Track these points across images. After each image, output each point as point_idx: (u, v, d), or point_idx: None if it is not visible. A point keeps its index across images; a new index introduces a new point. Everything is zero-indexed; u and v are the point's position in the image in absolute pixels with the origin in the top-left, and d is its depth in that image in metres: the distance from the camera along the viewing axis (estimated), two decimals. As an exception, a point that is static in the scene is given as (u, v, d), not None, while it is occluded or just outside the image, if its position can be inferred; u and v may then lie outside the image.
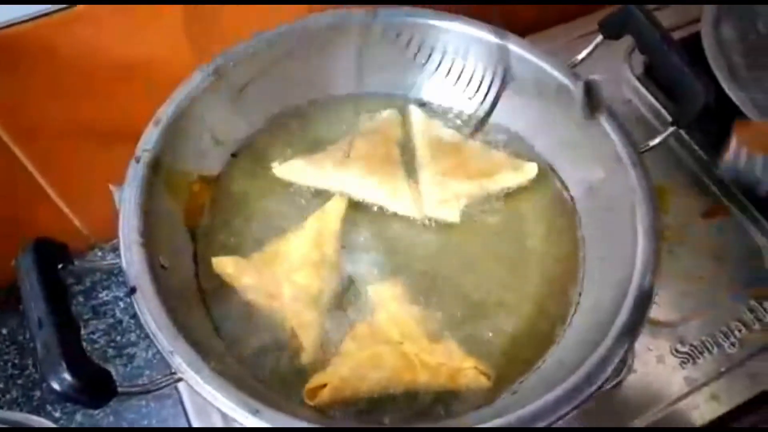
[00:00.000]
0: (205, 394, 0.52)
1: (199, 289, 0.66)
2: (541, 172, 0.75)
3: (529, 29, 0.97)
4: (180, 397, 0.70)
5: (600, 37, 0.73)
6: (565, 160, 0.75)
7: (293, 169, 0.74)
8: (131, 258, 0.58)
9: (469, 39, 0.75)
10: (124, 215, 0.61)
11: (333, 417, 0.59)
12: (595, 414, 0.67)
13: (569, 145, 0.74)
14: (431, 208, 0.72)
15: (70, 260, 0.57)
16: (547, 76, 0.73)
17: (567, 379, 0.54)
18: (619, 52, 0.95)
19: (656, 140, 0.69)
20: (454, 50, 0.76)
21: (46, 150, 0.80)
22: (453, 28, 0.75)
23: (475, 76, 0.76)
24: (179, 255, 0.66)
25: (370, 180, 0.72)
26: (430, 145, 0.76)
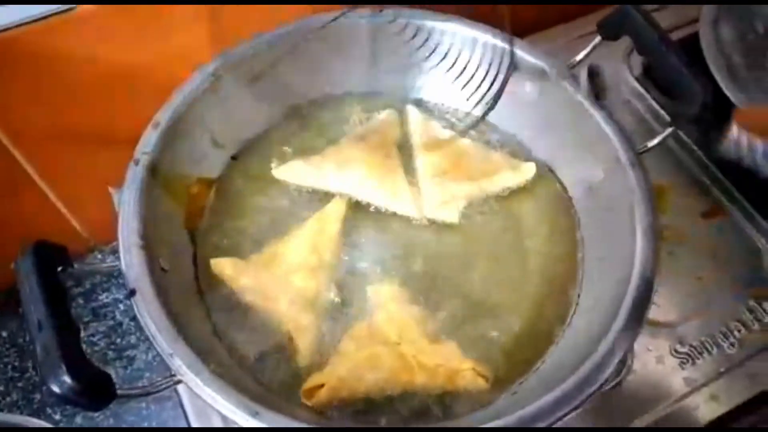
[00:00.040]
0: (204, 397, 0.52)
1: (199, 291, 0.66)
2: (540, 173, 0.75)
3: (529, 29, 0.97)
4: (180, 400, 0.70)
5: (598, 38, 0.73)
6: (563, 161, 0.75)
7: (292, 171, 0.74)
8: (131, 260, 0.58)
9: (469, 40, 0.75)
10: (123, 218, 0.61)
11: (331, 418, 0.59)
12: (595, 414, 0.67)
13: (568, 146, 0.74)
14: (431, 209, 0.72)
15: (69, 263, 0.57)
16: (546, 77, 0.73)
17: (567, 380, 0.54)
18: (618, 52, 0.95)
19: (655, 141, 0.69)
20: (453, 51, 0.76)
21: (46, 153, 0.80)
22: (453, 29, 0.75)
23: (475, 76, 0.75)
24: (179, 257, 0.66)
25: (369, 181, 0.72)
26: (428, 145, 0.76)
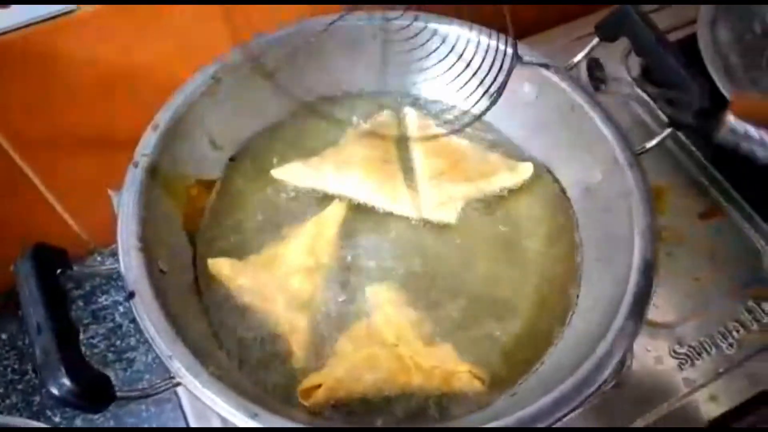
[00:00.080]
0: (203, 399, 0.52)
1: (198, 292, 0.66)
2: (538, 174, 0.75)
3: (528, 30, 0.97)
4: (179, 402, 0.70)
5: (596, 40, 0.74)
6: (561, 162, 0.75)
7: (291, 172, 0.74)
8: (130, 263, 0.58)
9: (469, 41, 0.75)
10: (122, 220, 0.61)
11: (328, 418, 0.59)
12: (594, 415, 0.67)
13: (566, 147, 0.74)
14: (429, 210, 0.72)
15: (68, 265, 0.57)
16: (544, 79, 0.73)
17: (566, 381, 0.54)
18: (616, 54, 0.95)
19: (653, 142, 0.69)
20: (454, 51, 0.76)
21: (45, 155, 0.80)
22: (453, 30, 0.75)
23: (475, 76, 0.75)
24: (178, 259, 0.66)
25: (368, 182, 0.72)
26: (426, 146, 0.76)
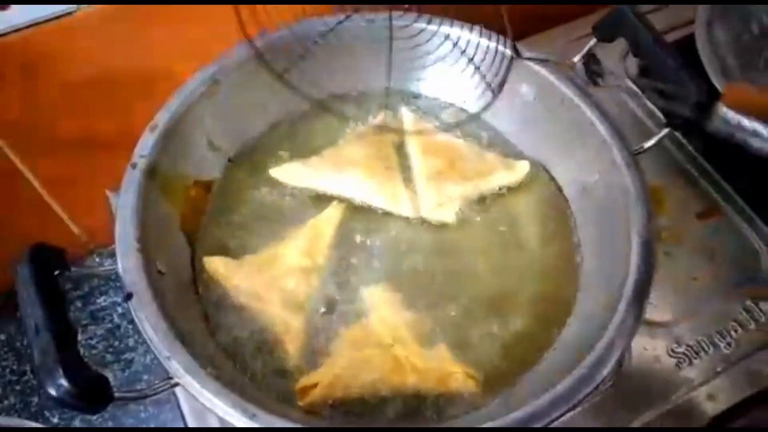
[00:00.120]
0: (201, 399, 0.52)
1: (196, 293, 0.66)
2: (536, 174, 0.75)
3: (527, 31, 0.97)
4: (178, 402, 0.70)
5: (594, 40, 0.74)
6: (559, 162, 0.75)
7: (290, 172, 0.74)
8: (128, 264, 0.58)
9: (468, 41, 0.75)
10: (120, 221, 0.61)
11: (325, 418, 0.59)
12: (592, 415, 0.67)
13: (563, 147, 0.74)
14: (428, 210, 0.72)
15: (67, 266, 0.57)
16: (542, 79, 0.73)
17: (563, 380, 0.54)
18: (614, 54, 0.95)
19: (651, 142, 0.70)
20: (453, 52, 0.76)
21: (44, 156, 0.80)
22: (453, 31, 0.75)
23: (474, 77, 0.76)
24: (176, 260, 0.66)
25: (367, 183, 0.72)
26: (423, 146, 0.76)
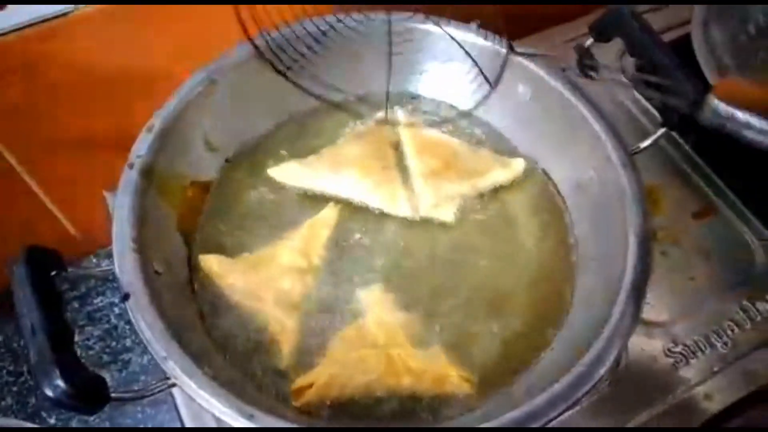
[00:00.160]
0: (198, 399, 0.52)
1: (193, 293, 0.66)
2: (532, 173, 0.75)
3: (526, 30, 0.97)
4: (175, 402, 0.70)
5: (590, 40, 0.74)
6: (555, 161, 0.76)
7: (288, 172, 0.74)
8: (125, 264, 0.58)
9: (464, 41, 0.75)
10: (117, 221, 0.61)
11: (321, 418, 0.59)
12: (590, 414, 0.68)
13: (560, 147, 0.74)
14: (426, 210, 0.72)
15: (63, 267, 0.57)
16: (539, 79, 0.73)
17: (560, 380, 0.54)
18: (611, 54, 0.95)
19: (647, 142, 0.70)
20: (449, 52, 0.76)
21: (42, 157, 0.80)
22: (450, 31, 0.75)
23: (469, 75, 0.76)
24: (173, 260, 0.66)
25: (365, 183, 0.72)
26: (419, 146, 0.76)
